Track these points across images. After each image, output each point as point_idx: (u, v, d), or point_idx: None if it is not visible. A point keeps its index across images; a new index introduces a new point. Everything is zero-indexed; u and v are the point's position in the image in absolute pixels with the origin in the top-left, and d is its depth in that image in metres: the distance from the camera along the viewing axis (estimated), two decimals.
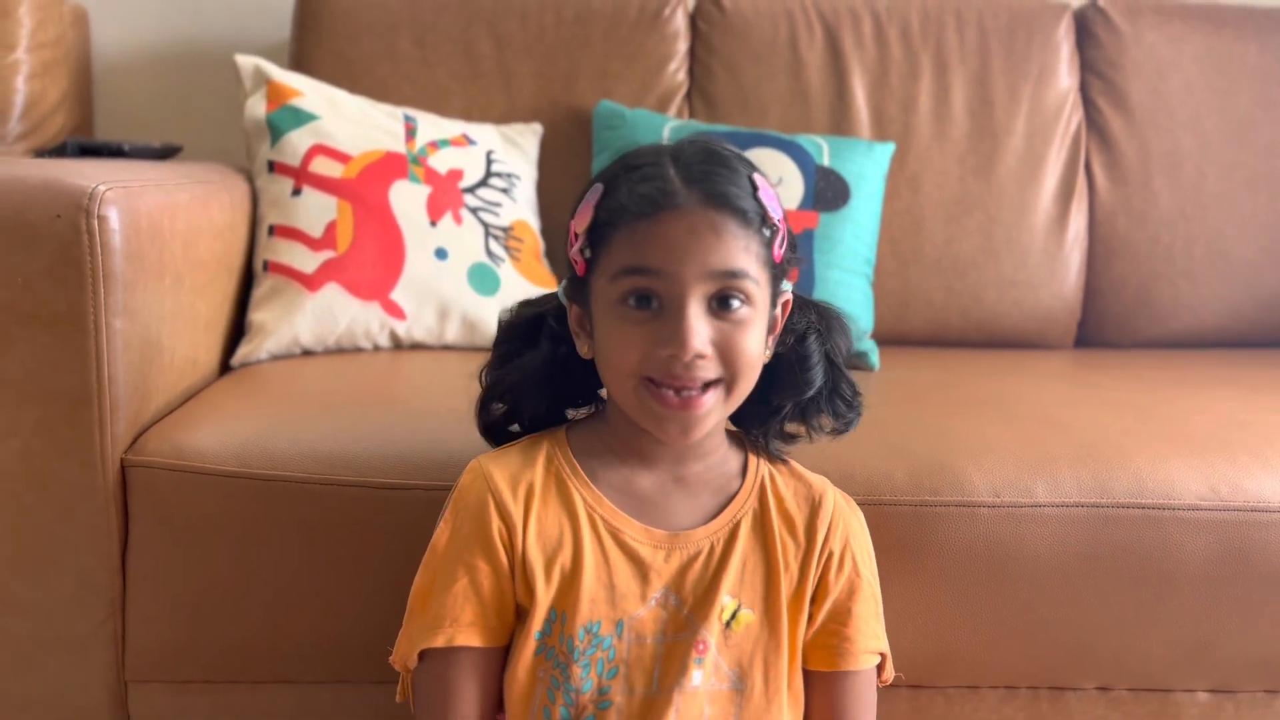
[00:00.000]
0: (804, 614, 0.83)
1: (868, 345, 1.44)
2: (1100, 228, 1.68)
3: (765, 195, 0.79)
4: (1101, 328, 1.70)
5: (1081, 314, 1.70)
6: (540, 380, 0.86)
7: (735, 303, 0.77)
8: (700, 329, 0.75)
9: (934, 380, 1.40)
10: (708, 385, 0.78)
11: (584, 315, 0.83)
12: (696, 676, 0.80)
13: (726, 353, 0.77)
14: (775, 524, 0.84)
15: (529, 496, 0.81)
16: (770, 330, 0.83)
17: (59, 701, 1.02)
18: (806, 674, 0.85)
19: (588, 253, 0.80)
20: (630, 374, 0.78)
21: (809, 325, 0.86)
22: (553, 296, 0.88)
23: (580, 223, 0.81)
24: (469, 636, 0.79)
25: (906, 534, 1.00)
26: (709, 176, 0.77)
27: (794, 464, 0.89)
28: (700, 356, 0.76)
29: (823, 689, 0.85)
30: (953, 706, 1.08)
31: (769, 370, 0.84)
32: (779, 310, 0.84)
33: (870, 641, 0.85)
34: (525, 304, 0.90)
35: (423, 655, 0.81)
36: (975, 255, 1.62)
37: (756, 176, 0.80)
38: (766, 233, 0.78)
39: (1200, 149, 1.68)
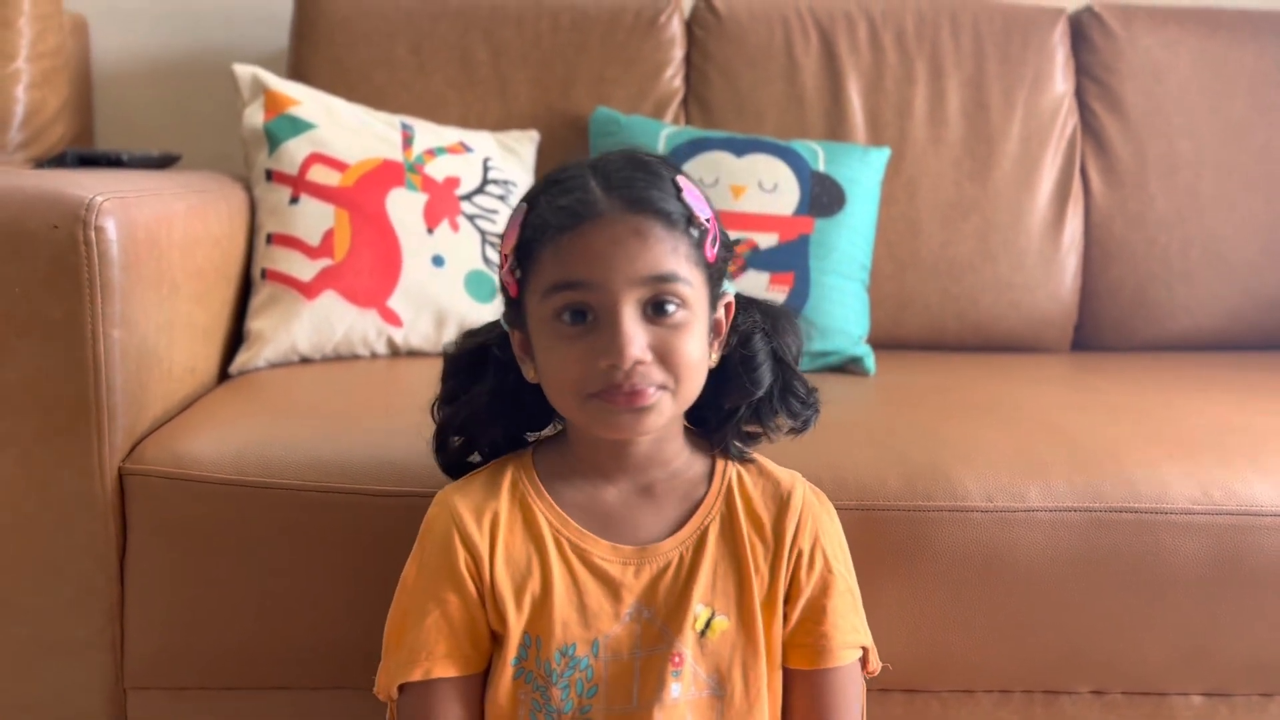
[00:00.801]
0: (778, 615, 0.83)
1: (863, 350, 1.45)
2: (1096, 231, 1.68)
3: (690, 196, 0.79)
4: (1098, 330, 1.71)
5: (1078, 317, 1.70)
6: (492, 412, 0.85)
7: (670, 307, 0.76)
8: (636, 336, 0.75)
9: (930, 384, 1.40)
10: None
11: (525, 339, 0.82)
12: (675, 689, 0.80)
13: (667, 357, 0.76)
14: (744, 527, 0.83)
15: (494, 526, 0.81)
16: (714, 333, 0.82)
17: (58, 706, 1.03)
18: (788, 673, 0.85)
19: (518, 273, 0.79)
20: (574, 392, 0.77)
21: (754, 325, 0.85)
22: (496, 324, 0.87)
23: (508, 243, 0.80)
24: (445, 668, 0.80)
25: (900, 538, 1.00)
26: (629, 183, 0.76)
27: (762, 461, 0.88)
28: (640, 363, 0.75)
29: (805, 687, 0.84)
30: (948, 710, 1.08)
31: (719, 373, 0.83)
32: (721, 313, 0.83)
33: (849, 636, 0.84)
34: (469, 334, 0.89)
35: (403, 688, 0.81)
36: (971, 259, 1.63)
37: (681, 179, 0.79)
38: (695, 233, 0.78)
39: (1196, 152, 1.68)
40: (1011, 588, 1.02)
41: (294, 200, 1.37)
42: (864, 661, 0.87)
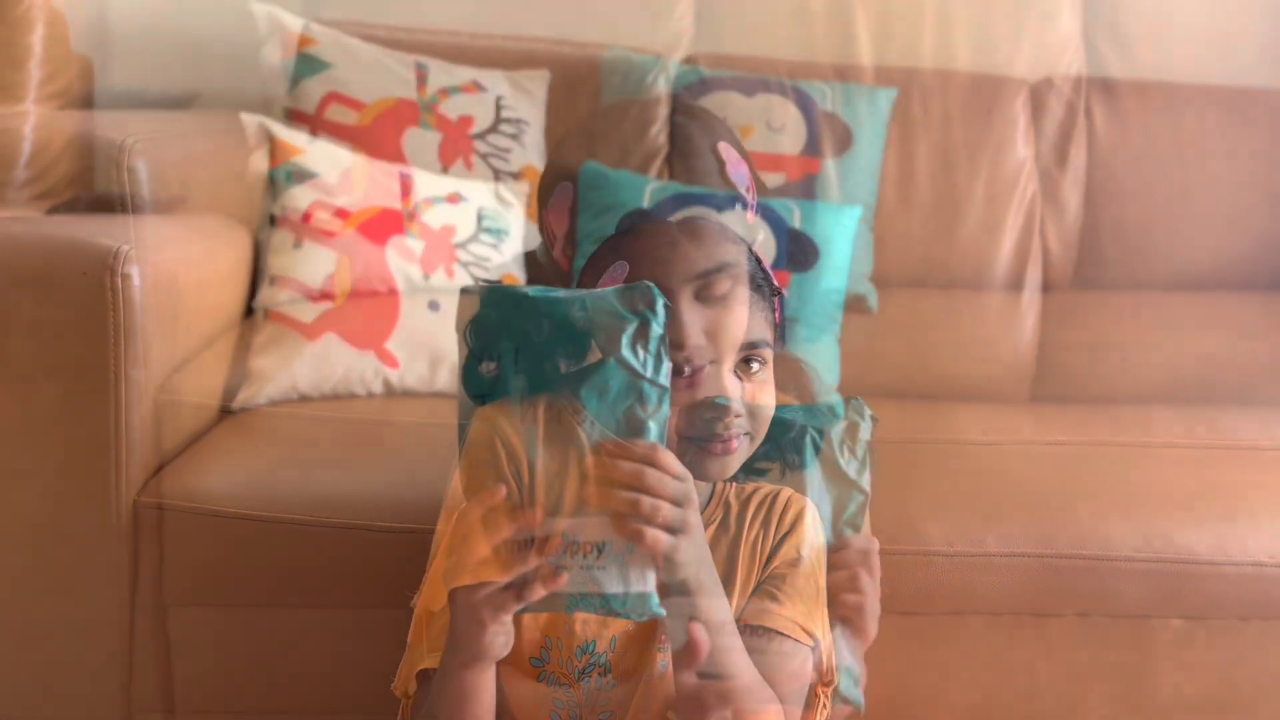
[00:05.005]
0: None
1: (834, 399, 1.52)
2: (1053, 290, 1.78)
3: (767, 265, 0.89)
4: (1054, 383, 1.79)
5: (1036, 370, 1.78)
6: None
7: (755, 365, 0.85)
8: (736, 390, 0.84)
9: (896, 432, 1.48)
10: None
11: None
12: (662, 664, 0.85)
13: (753, 410, 0.85)
14: (734, 524, 0.90)
15: None
16: None
17: None
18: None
19: None
20: (671, 435, 0.82)
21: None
22: None
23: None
24: None
25: None
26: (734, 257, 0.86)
27: (756, 483, 0.95)
28: (738, 415, 0.84)
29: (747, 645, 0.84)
30: None
31: None
32: None
33: (798, 616, 0.87)
34: None
35: (424, 677, 0.84)
36: (937, 314, 1.72)
37: (755, 248, 0.89)
38: (776, 301, 0.89)
39: (1146, 219, 1.79)
40: (968, 626, 1.10)
41: (297, 245, 1.43)
42: (819, 667, 0.89)
